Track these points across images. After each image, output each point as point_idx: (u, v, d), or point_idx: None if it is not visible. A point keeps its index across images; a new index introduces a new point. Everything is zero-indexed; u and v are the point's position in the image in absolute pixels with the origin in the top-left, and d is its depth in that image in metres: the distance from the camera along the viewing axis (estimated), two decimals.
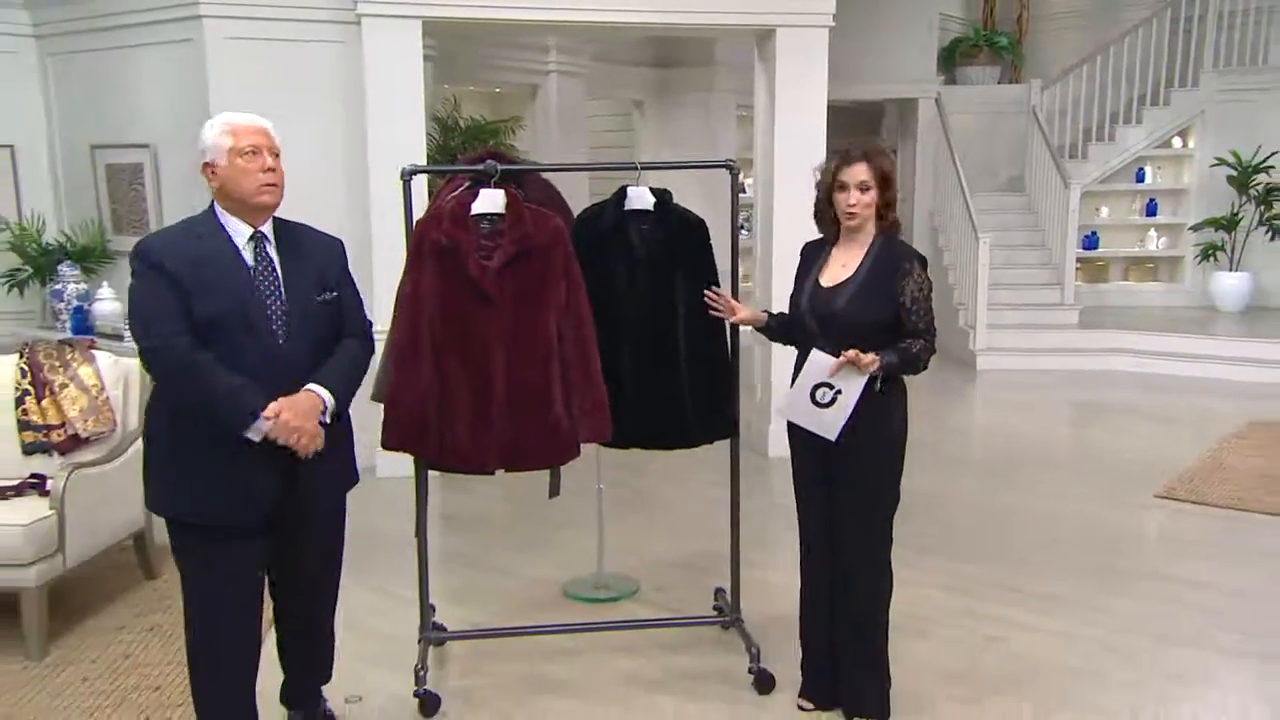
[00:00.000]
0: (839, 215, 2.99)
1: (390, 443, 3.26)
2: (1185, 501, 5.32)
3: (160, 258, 2.59)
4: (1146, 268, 10.94)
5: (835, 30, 5.89)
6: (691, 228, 3.53)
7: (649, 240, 3.49)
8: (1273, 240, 9.74)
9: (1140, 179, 10.68)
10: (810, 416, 2.93)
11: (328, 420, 2.74)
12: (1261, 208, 9.70)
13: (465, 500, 5.34)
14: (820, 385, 2.90)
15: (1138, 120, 10.37)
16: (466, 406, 3.19)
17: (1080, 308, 9.41)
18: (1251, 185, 9.69)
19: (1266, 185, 9.64)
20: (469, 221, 3.20)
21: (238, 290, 2.65)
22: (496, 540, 4.86)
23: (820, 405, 2.91)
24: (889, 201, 2.98)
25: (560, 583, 4.28)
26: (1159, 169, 10.73)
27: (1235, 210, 9.81)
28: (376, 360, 3.49)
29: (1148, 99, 10.38)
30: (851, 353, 2.85)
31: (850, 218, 2.97)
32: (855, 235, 3.02)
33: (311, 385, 2.72)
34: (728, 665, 3.51)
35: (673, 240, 3.49)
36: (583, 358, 3.26)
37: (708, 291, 3.28)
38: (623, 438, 3.45)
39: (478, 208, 3.21)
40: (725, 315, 3.29)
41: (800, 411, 2.95)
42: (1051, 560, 4.54)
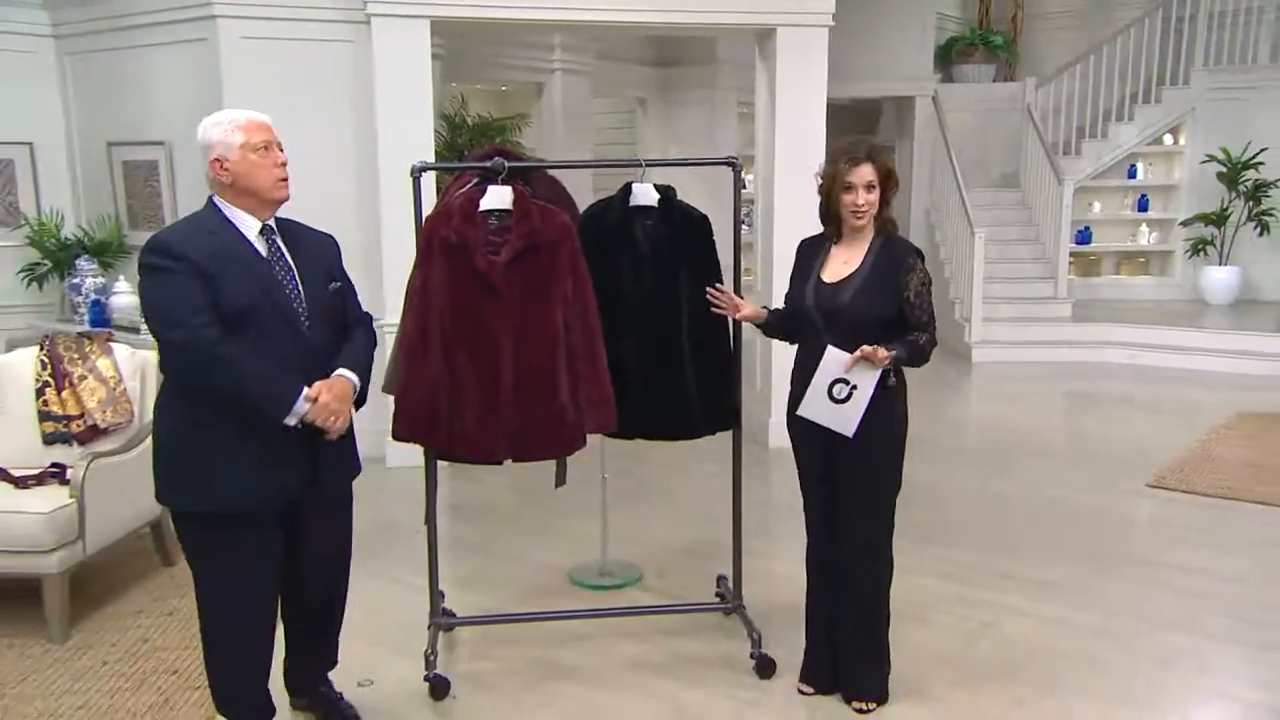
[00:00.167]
0: (845, 215, 2.98)
1: (401, 433, 3.25)
2: (1176, 490, 5.32)
3: (183, 250, 2.55)
4: (1138, 262, 10.91)
5: (834, 29, 5.87)
6: (695, 223, 3.52)
7: (653, 236, 3.48)
8: (1261, 235, 9.72)
9: (1132, 175, 10.65)
10: (828, 413, 2.93)
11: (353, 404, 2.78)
12: (1250, 203, 9.66)
13: (473, 489, 5.35)
14: (836, 381, 2.90)
15: (1130, 118, 10.33)
16: (475, 398, 3.19)
17: (1073, 301, 9.40)
18: (1240, 181, 9.66)
19: (1255, 181, 9.60)
20: (477, 217, 3.19)
21: (262, 280, 2.64)
22: (504, 528, 4.86)
23: (837, 401, 2.90)
24: (887, 199, 2.99)
25: (566, 570, 4.28)
26: (1150, 165, 10.70)
27: (1225, 206, 9.79)
28: (386, 353, 3.51)
29: (1140, 97, 10.35)
30: (869, 349, 2.85)
31: (858, 217, 2.96)
32: (857, 232, 3.01)
33: (341, 370, 2.75)
34: (730, 650, 3.51)
35: (676, 236, 3.49)
36: (589, 350, 3.25)
37: (711, 289, 3.26)
38: (627, 428, 3.46)
39: (486, 204, 3.20)
40: (729, 312, 3.27)
41: (819, 409, 2.94)
42: (1045, 547, 4.54)
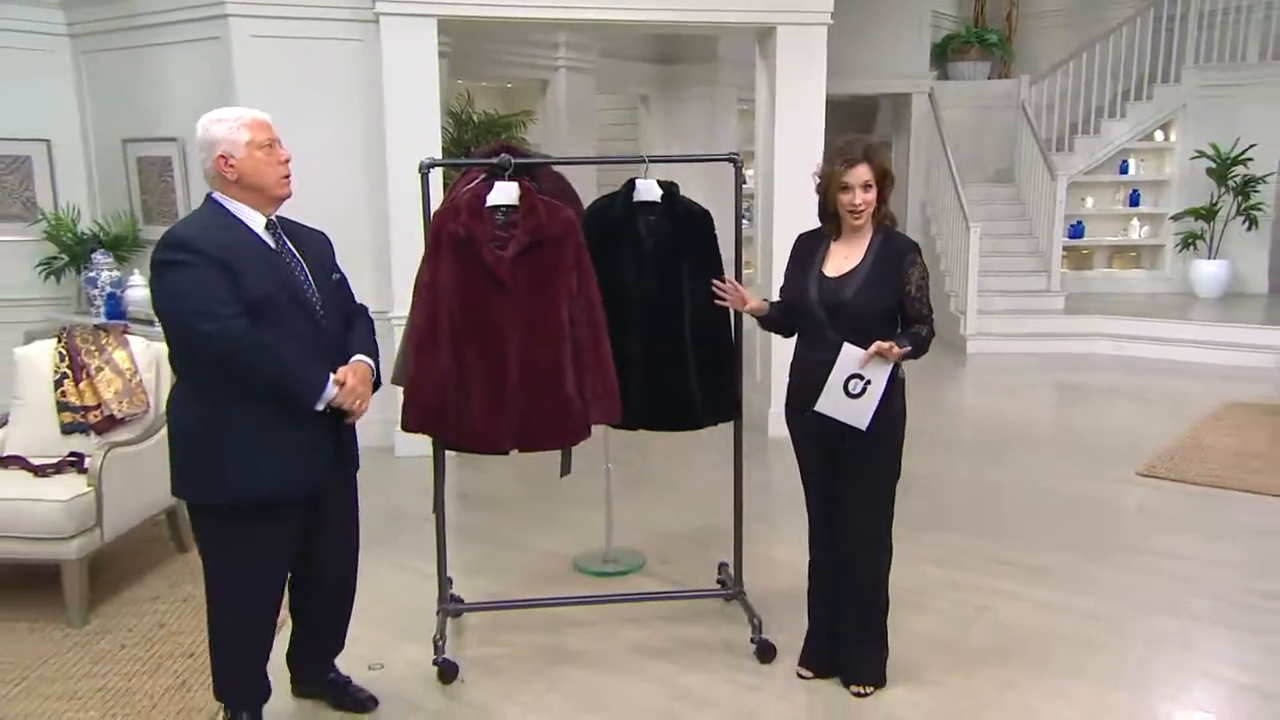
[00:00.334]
0: (843, 214, 2.97)
1: (410, 425, 3.25)
2: (1165, 479, 5.32)
3: (203, 245, 2.54)
4: (1129, 256, 10.88)
5: (833, 28, 5.85)
6: (697, 219, 3.51)
7: (656, 231, 3.48)
8: (1249, 230, 9.72)
9: (1124, 171, 10.63)
10: (844, 408, 2.93)
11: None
12: (1239, 198, 9.65)
13: (480, 478, 5.35)
14: (852, 377, 2.90)
15: (1122, 114, 10.30)
16: (483, 390, 3.18)
17: (1066, 294, 9.38)
18: (1230, 177, 9.65)
19: (1244, 177, 9.59)
20: (484, 213, 3.18)
21: (278, 272, 2.64)
22: (510, 516, 4.86)
23: (852, 396, 2.91)
24: (884, 197, 2.98)
25: (571, 557, 4.29)
26: (1142, 161, 10.67)
27: (1214, 201, 9.77)
28: (395, 346, 3.50)
29: (1131, 94, 10.30)
30: (885, 345, 2.85)
31: (855, 216, 2.95)
32: (856, 229, 3.00)
33: (359, 356, 2.78)
34: (731, 636, 3.52)
35: (679, 231, 3.48)
36: (594, 343, 3.24)
37: (717, 283, 3.24)
38: (631, 419, 3.45)
39: (493, 199, 3.19)
40: (736, 305, 3.24)
41: (836, 404, 2.94)
42: (1038, 534, 4.54)
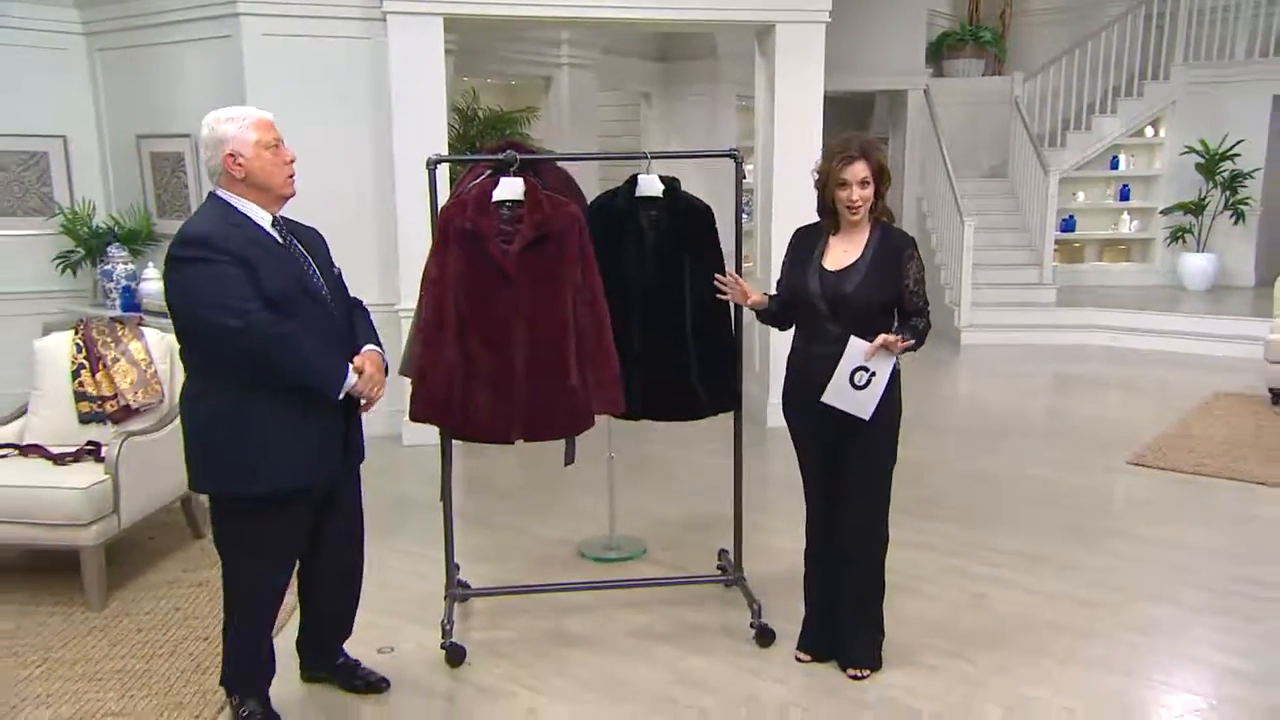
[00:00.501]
0: (841, 210, 2.97)
1: (417, 415, 3.25)
2: (1155, 467, 5.32)
3: (222, 241, 2.53)
4: (1120, 249, 10.87)
5: (831, 25, 5.83)
6: (698, 213, 3.51)
7: (658, 225, 3.47)
8: (1237, 224, 9.72)
9: (1115, 166, 10.60)
10: (849, 399, 2.94)
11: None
12: (1227, 193, 9.65)
13: (486, 467, 5.35)
14: (858, 369, 2.91)
15: (1113, 110, 10.27)
16: (489, 381, 3.18)
17: (1058, 287, 9.36)
18: (1218, 172, 9.64)
19: (1232, 172, 9.59)
20: (490, 208, 3.18)
21: (291, 266, 2.64)
22: (515, 504, 4.87)
23: (858, 388, 2.92)
24: (881, 193, 2.97)
25: (574, 543, 4.29)
26: (1132, 156, 10.64)
27: (1203, 195, 9.76)
28: (403, 338, 3.50)
29: (1122, 90, 10.28)
30: (890, 337, 2.86)
31: (853, 212, 2.95)
32: (854, 224, 3.00)
33: (370, 346, 2.80)
34: (731, 620, 3.52)
35: (680, 225, 3.47)
36: (597, 335, 3.24)
37: (719, 276, 3.22)
38: (633, 410, 3.44)
39: (499, 195, 3.19)
40: (737, 299, 3.22)
41: (842, 396, 2.94)
42: (1031, 522, 4.54)
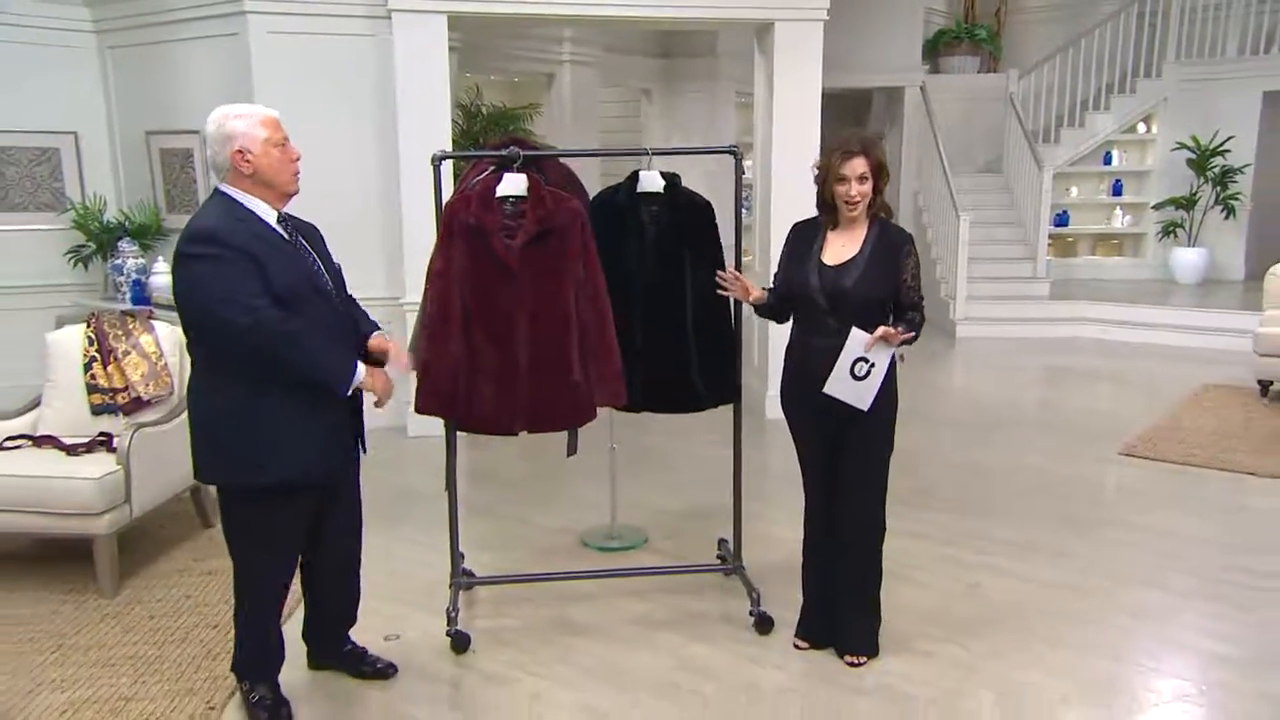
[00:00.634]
0: (840, 205, 2.96)
1: (422, 407, 3.25)
2: (1145, 458, 5.31)
3: (230, 237, 2.52)
4: (1112, 243, 10.85)
5: (829, 23, 5.82)
6: (698, 209, 3.50)
7: (659, 220, 3.46)
8: (1227, 219, 9.70)
9: (1107, 161, 10.58)
10: (849, 389, 2.94)
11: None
12: (1218, 188, 9.63)
13: (490, 458, 5.35)
14: (858, 360, 2.91)
15: (1106, 107, 10.25)
16: (493, 374, 3.18)
17: (1051, 280, 9.37)
18: (1209, 167, 9.62)
19: (1222, 168, 9.57)
20: (494, 204, 3.17)
21: (298, 262, 2.64)
22: (519, 494, 4.87)
23: (858, 378, 2.92)
24: (879, 189, 2.97)
25: (577, 533, 4.29)
26: (1125, 152, 10.62)
27: (1194, 191, 9.75)
28: (409, 332, 3.50)
29: (1115, 87, 10.26)
30: (890, 329, 2.86)
31: (852, 208, 2.95)
32: (852, 220, 2.99)
33: (380, 331, 2.84)
34: (730, 608, 3.53)
35: (681, 221, 3.46)
36: (599, 328, 3.24)
37: (721, 273, 3.21)
38: (634, 402, 3.44)
39: (502, 190, 3.18)
40: (738, 295, 3.20)
41: (842, 387, 2.94)
42: (1024, 511, 4.54)
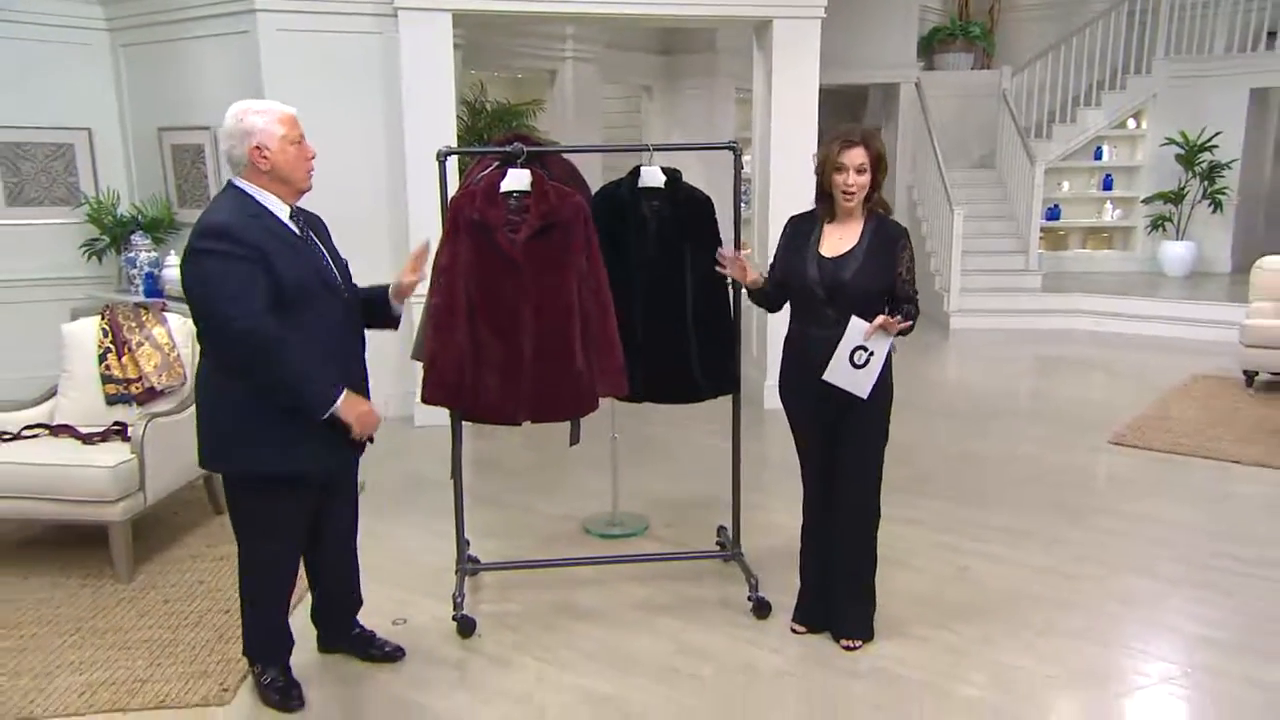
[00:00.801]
0: (837, 195, 2.94)
1: (429, 398, 3.24)
2: (1135, 447, 5.31)
3: (242, 234, 2.50)
4: (1102, 237, 10.82)
5: (826, 20, 5.79)
6: (698, 204, 3.49)
7: (660, 215, 3.45)
8: (1214, 213, 9.67)
9: (1098, 156, 10.54)
10: (848, 377, 2.93)
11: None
12: (1205, 183, 9.61)
13: (494, 447, 5.34)
14: (858, 348, 2.90)
15: (1097, 103, 10.21)
16: (498, 366, 3.17)
17: (1043, 273, 9.33)
18: (1197, 163, 9.60)
19: (1210, 163, 9.55)
20: (499, 199, 3.16)
21: (308, 256, 2.63)
22: (522, 483, 4.87)
23: (857, 367, 2.91)
24: (877, 183, 2.95)
25: (579, 520, 4.29)
26: (1115, 147, 10.58)
27: (1182, 185, 9.72)
28: (415, 324, 3.49)
29: (1106, 84, 10.22)
30: (891, 319, 2.86)
31: (848, 197, 2.93)
32: (849, 212, 2.98)
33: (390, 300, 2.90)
34: (729, 594, 3.53)
35: (682, 215, 3.45)
36: (602, 321, 3.23)
37: (722, 252, 3.17)
38: (636, 392, 3.43)
39: (506, 186, 3.17)
40: (736, 275, 3.14)
41: (841, 374, 2.93)
42: (1016, 500, 4.54)
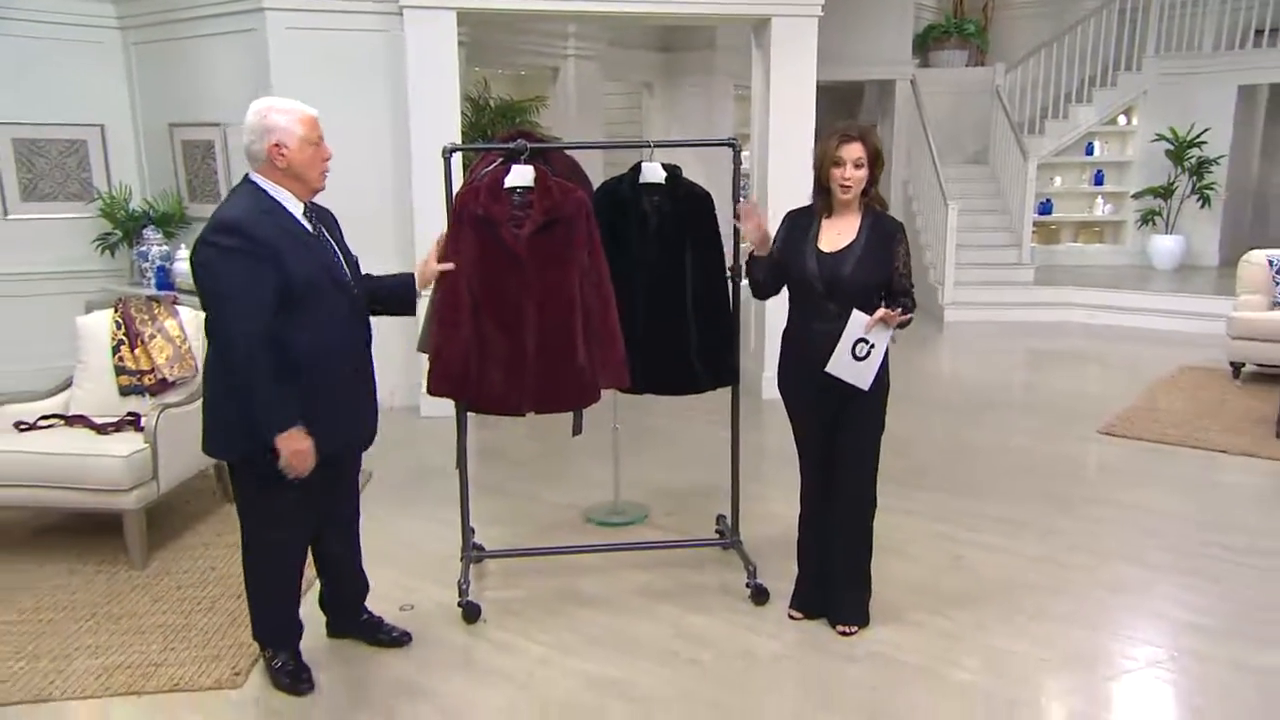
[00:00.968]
0: (834, 188, 2.93)
1: (434, 390, 3.24)
2: (1124, 437, 5.30)
3: (255, 231, 2.49)
4: (1094, 231, 10.81)
5: (823, 19, 5.77)
6: (698, 199, 3.48)
7: (661, 210, 3.44)
8: (1203, 207, 9.67)
9: (1089, 152, 10.54)
10: (850, 369, 2.92)
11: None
12: (1194, 178, 9.60)
13: (499, 437, 5.33)
14: (859, 341, 2.89)
15: (1088, 100, 10.19)
16: (502, 358, 3.17)
17: (1035, 266, 9.33)
18: (1186, 158, 9.59)
19: (1199, 158, 9.55)
20: (502, 194, 3.15)
21: (319, 253, 2.62)
22: (526, 472, 4.86)
23: (858, 359, 2.91)
24: (874, 178, 2.94)
25: (582, 509, 4.29)
26: (1106, 143, 10.57)
27: (1171, 180, 9.71)
28: (421, 317, 3.48)
29: (1097, 81, 10.20)
30: (889, 312, 2.85)
31: (845, 191, 2.92)
32: (846, 207, 2.97)
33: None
34: (728, 581, 3.53)
35: (682, 211, 3.44)
36: (604, 314, 3.23)
37: (742, 203, 3.08)
38: (637, 384, 3.43)
39: (510, 181, 3.16)
40: (751, 231, 3.02)
41: (843, 366, 2.93)
42: (1009, 489, 4.53)
